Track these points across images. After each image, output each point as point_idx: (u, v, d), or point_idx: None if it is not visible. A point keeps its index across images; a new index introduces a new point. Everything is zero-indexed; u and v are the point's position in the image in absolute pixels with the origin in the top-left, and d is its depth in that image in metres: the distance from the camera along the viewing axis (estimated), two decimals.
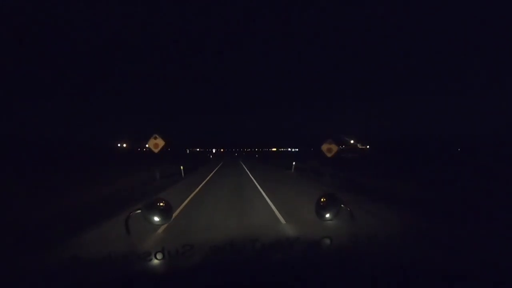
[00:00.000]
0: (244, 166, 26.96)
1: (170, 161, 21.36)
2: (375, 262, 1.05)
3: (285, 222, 5.89)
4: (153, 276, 1.03)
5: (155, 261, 1.05)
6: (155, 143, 13.19)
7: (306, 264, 1.05)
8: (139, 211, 1.47)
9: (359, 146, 62.06)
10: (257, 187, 11.40)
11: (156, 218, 1.46)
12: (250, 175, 17.22)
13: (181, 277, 0.99)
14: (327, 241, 1.18)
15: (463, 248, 1.28)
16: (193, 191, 10.31)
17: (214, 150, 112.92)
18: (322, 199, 1.60)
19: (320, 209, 1.57)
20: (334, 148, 13.14)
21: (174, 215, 6.14)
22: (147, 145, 13.51)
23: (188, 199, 8.76)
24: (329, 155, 13.02)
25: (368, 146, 65.30)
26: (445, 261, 1.04)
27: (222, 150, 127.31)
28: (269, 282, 0.91)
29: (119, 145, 51.52)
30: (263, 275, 0.96)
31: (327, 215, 1.53)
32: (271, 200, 8.39)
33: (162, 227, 3.01)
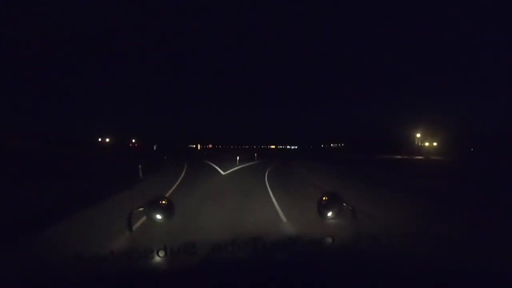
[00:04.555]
0: None
1: None
2: (376, 261, 1.05)
3: None
4: (155, 273, 1.04)
5: (157, 259, 1.06)
6: None
7: (308, 263, 1.05)
8: (141, 209, 1.47)
9: (419, 144, 44.14)
10: None
11: (159, 216, 1.46)
12: None
13: (182, 275, 0.99)
14: (329, 240, 1.18)
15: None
16: None
17: (199, 147, 80.00)
18: (324, 198, 1.59)
19: (322, 208, 1.55)
20: None
21: None
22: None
23: None
24: None
25: (435, 143, 46.27)
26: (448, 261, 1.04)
27: (210, 146, 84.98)
28: (270, 281, 0.91)
29: (100, 139, 46.18)
30: (264, 274, 0.96)
31: (329, 214, 1.52)
32: None
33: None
